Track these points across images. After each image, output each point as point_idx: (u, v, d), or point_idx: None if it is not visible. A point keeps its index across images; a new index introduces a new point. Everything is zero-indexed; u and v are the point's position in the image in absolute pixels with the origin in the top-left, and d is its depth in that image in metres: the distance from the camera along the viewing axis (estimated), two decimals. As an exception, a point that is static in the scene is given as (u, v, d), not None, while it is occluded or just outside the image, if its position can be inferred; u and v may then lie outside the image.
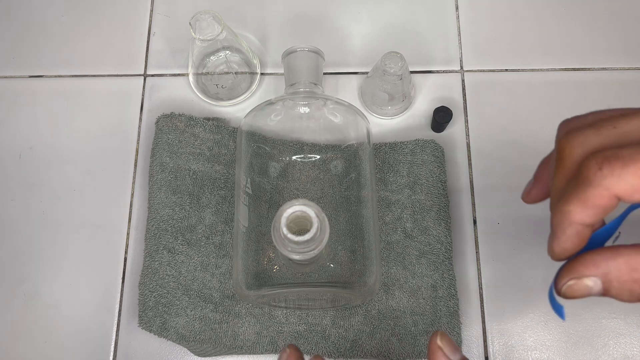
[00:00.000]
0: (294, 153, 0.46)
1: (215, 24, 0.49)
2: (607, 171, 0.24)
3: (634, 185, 0.24)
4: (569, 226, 0.26)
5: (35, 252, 0.51)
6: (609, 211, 0.25)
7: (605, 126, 0.26)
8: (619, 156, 0.24)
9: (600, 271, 0.26)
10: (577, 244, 0.27)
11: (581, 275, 0.26)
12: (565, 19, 0.57)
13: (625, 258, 0.26)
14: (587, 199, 0.25)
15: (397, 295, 0.47)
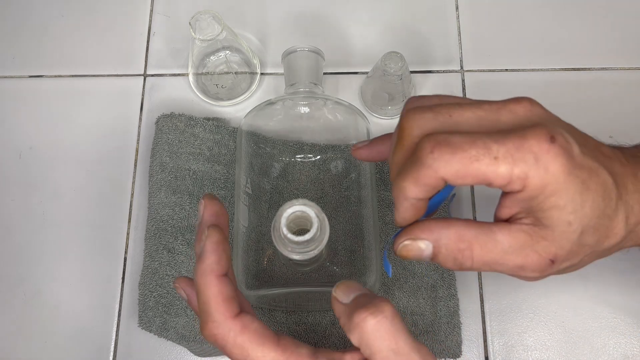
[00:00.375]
0: (294, 153, 0.46)
1: (215, 23, 0.49)
2: (438, 155, 0.26)
3: (458, 171, 0.26)
4: (405, 200, 0.29)
5: (35, 252, 0.51)
6: (438, 190, 0.28)
7: (443, 113, 0.29)
8: (450, 143, 0.27)
9: (433, 237, 0.29)
10: (414, 214, 0.29)
11: (416, 238, 0.29)
12: (566, 18, 0.57)
13: (456, 229, 0.29)
14: (419, 178, 0.27)
15: (396, 295, 0.47)
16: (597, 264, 0.49)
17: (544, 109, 0.30)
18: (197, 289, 0.30)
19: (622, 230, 0.29)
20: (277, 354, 0.29)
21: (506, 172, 0.26)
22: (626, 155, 0.32)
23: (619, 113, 0.53)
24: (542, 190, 0.27)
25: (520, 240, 0.28)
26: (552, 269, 0.29)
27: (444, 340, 0.46)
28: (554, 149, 0.26)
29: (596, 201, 0.28)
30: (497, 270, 0.29)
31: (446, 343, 0.46)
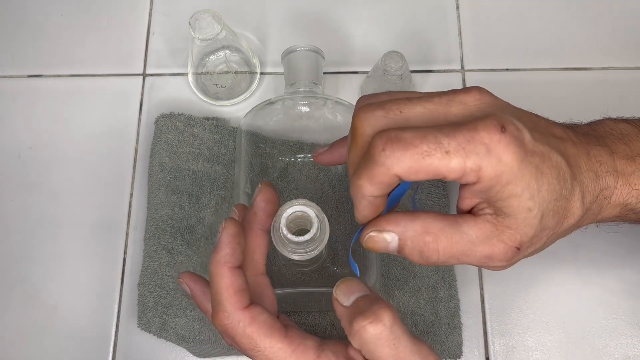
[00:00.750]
0: (294, 153, 0.46)
1: (214, 23, 0.49)
2: (389, 152, 0.27)
3: (410, 167, 0.27)
4: (362, 198, 0.29)
5: (34, 252, 0.51)
6: (392, 186, 0.28)
7: (393, 110, 0.29)
8: (401, 139, 0.27)
9: (399, 229, 0.29)
10: (373, 211, 0.29)
11: (382, 229, 0.29)
12: (567, 18, 0.57)
13: (421, 221, 0.29)
14: (373, 176, 0.27)
15: (397, 295, 0.47)
16: (598, 265, 0.49)
17: (494, 96, 0.30)
18: (210, 279, 0.31)
19: (579, 209, 0.30)
20: (283, 345, 0.30)
21: (458, 166, 0.27)
22: (578, 134, 0.32)
23: (619, 113, 0.53)
24: (497, 180, 0.27)
25: (486, 230, 0.29)
26: (518, 255, 0.29)
27: (444, 341, 0.46)
28: (505, 138, 0.27)
29: (552, 184, 0.28)
30: (464, 262, 0.29)
31: (447, 344, 0.46)
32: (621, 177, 0.31)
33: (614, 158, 0.32)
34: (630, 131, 0.33)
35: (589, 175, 0.30)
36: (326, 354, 0.30)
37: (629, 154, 0.32)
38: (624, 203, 0.32)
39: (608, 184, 0.31)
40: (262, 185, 0.34)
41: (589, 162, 0.31)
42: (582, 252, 0.49)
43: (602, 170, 0.31)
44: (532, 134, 0.28)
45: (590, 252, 0.49)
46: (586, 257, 0.49)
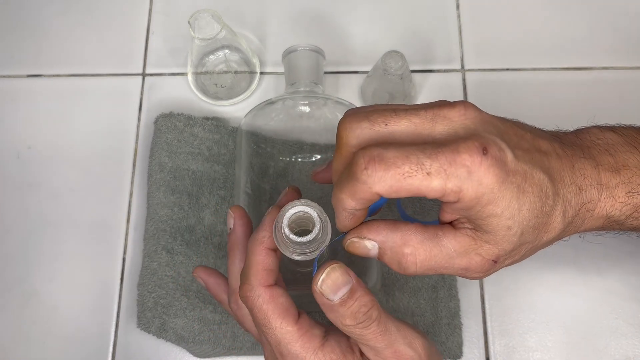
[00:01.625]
0: (294, 153, 0.46)
1: (214, 22, 0.49)
2: (371, 171, 0.27)
3: (392, 186, 0.27)
4: (343, 210, 0.29)
5: (33, 253, 0.51)
6: (373, 202, 0.29)
7: (379, 122, 0.29)
8: (383, 159, 0.27)
9: (380, 238, 0.30)
10: (354, 222, 0.30)
11: (364, 237, 0.30)
12: (567, 18, 0.57)
13: (402, 233, 0.30)
14: (355, 192, 0.28)
15: (397, 296, 0.47)
16: (599, 266, 0.49)
17: (479, 111, 0.30)
18: (247, 253, 0.33)
19: (560, 224, 0.30)
20: (293, 329, 0.31)
21: (439, 187, 0.27)
22: (564, 145, 0.32)
23: (620, 113, 0.53)
24: (477, 201, 0.27)
25: (464, 244, 0.29)
26: (495, 268, 0.30)
27: (444, 341, 0.46)
28: (487, 161, 0.27)
29: (533, 202, 0.28)
30: (442, 272, 0.30)
31: (447, 344, 0.46)
32: (605, 190, 0.32)
33: (599, 170, 0.32)
34: (616, 141, 0.34)
35: (572, 189, 0.31)
36: (330, 343, 0.32)
37: (614, 166, 0.32)
38: (607, 215, 0.32)
39: (591, 197, 0.31)
40: (288, 189, 0.36)
41: (573, 175, 0.31)
42: (583, 252, 0.49)
43: (586, 184, 0.31)
44: (515, 152, 0.28)
45: (591, 253, 0.49)
46: (587, 257, 0.49)
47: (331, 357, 0.31)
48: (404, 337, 0.31)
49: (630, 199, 0.32)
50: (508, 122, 0.31)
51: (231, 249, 0.37)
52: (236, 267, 0.36)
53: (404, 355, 0.31)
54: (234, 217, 0.37)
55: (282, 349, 0.31)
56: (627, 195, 0.32)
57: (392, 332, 0.31)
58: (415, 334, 0.32)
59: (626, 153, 0.33)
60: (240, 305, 0.36)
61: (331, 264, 0.30)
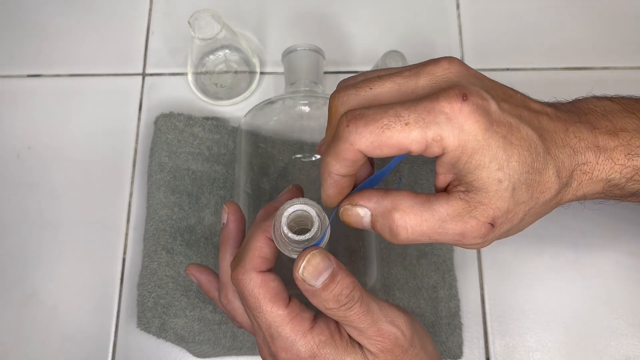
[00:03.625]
0: (294, 153, 0.46)
1: (214, 22, 0.49)
2: (352, 128, 0.27)
3: (372, 142, 0.27)
4: (328, 176, 0.30)
5: (33, 253, 0.51)
6: (357, 164, 0.29)
7: (364, 87, 0.30)
8: (363, 115, 0.27)
9: (371, 204, 0.30)
10: (338, 191, 0.30)
11: (355, 204, 0.30)
12: (567, 17, 0.57)
13: (392, 198, 0.29)
14: (338, 153, 0.28)
15: (397, 295, 0.47)
16: (599, 265, 0.49)
17: (465, 66, 0.30)
18: (247, 237, 0.33)
19: (555, 183, 0.30)
20: (284, 313, 0.31)
21: (419, 137, 0.27)
22: (560, 110, 0.32)
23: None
24: (462, 150, 0.27)
25: (457, 207, 0.29)
26: (494, 232, 0.29)
27: (445, 341, 0.46)
28: (467, 106, 0.27)
29: (522, 155, 0.28)
30: (437, 240, 0.30)
31: (447, 344, 0.46)
32: (603, 153, 0.31)
33: (596, 134, 0.31)
34: (614, 108, 0.33)
35: (565, 151, 0.30)
36: (319, 325, 0.32)
37: (612, 130, 0.32)
38: (607, 179, 0.31)
39: (587, 159, 0.31)
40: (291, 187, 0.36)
41: (567, 137, 0.30)
42: (584, 252, 0.49)
43: (580, 146, 0.31)
44: (501, 105, 0.28)
45: (591, 252, 0.49)
46: (587, 257, 0.49)
47: (320, 338, 0.31)
48: (386, 316, 0.31)
49: (630, 161, 0.31)
50: (498, 82, 0.31)
51: (222, 244, 0.37)
52: (226, 262, 0.36)
53: (387, 333, 0.31)
54: (228, 212, 0.37)
55: (272, 332, 0.31)
56: (626, 157, 0.31)
57: (374, 311, 0.31)
58: (398, 312, 0.32)
59: (624, 118, 0.32)
60: (231, 299, 0.36)
61: (311, 250, 0.30)
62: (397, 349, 0.31)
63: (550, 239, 0.49)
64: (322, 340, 0.31)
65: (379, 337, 0.31)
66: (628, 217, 0.50)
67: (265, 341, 0.32)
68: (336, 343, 0.31)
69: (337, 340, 0.32)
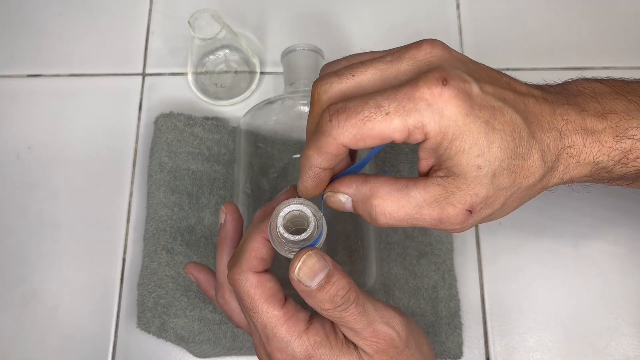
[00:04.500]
0: (293, 152, 0.46)
1: (214, 22, 0.49)
2: (335, 123, 0.27)
3: (355, 135, 0.27)
4: (309, 169, 0.30)
5: (33, 253, 0.51)
6: (339, 157, 0.29)
7: (346, 75, 0.29)
8: (345, 109, 0.27)
9: (351, 191, 0.30)
10: (316, 184, 0.30)
11: (337, 191, 0.31)
12: (568, 17, 0.57)
13: (371, 185, 0.30)
14: (321, 147, 0.28)
15: (397, 295, 0.47)
16: (599, 265, 0.49)
17: (448, 49, 0.29)
18: (244, 238, 0.33)
19: (539, 168, 0.29)
20: (279, 313, 0.31)
21: (400, 125, 0.27)
22: (547, 92, 0.31)
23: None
24: (443, 136, 0.27)
25: (434, 193, 0.28)
26: (472, 218, 0.29)
27: (444, 341, 0.46)
28: (447, 91, 0.26)
29: (505, 141, 0.27)
30: (417, 224, 0.30)
31: (447, 344, 0.46)
32: (590, 135, 0.30)
33: (584, 116, 0.31)
34: (603, 90, 0.33)
35: (551, 134, 0.30)
36: (314, 326, 0.32)
37: (600, 112, 0.31)
38: (594, 161, 0.31)
39: (574, 142, 0.30)
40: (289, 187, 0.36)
41: (554, 120, 0.30)
42: (583, 251, 0.49)
43: (567, 129, 0.30)
44: (484, 87, 0.28)
45: (591, 252, 0.49)
46: (587, 257, 0.49)
47: (315, 339, 0.31)
48: (382, 317, 0.31)
49: (618, 144, 0.31)
50: (483, 65, 0.30)
51: (220, 244, 0.37)
52: (223, 262, 0.36)
53: (383, 334, 0.31)
54: (226, 213, 0.37)
55: (268, 332, 0.32)
56: (614, 140, 0.31)
57: (370, 312, 0.31)
58: (393, 313, 0.32)
59: (613, 100, 0.32)
60: (227, 299, 0.36)
61: (307, 250, 0.30)
62: (392, 349, 0.31)
63: (550, 239, 0.49)
64: (317, 341, 0.31)
65: (375, 338, 0.31)
66: (628, 217, 0.50)
67: (261, 341, 0.33)
68: (331, 344, 0.32)
69: (332, 341, 0.32)
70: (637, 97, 0.32)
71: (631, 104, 0.32)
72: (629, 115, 0.31)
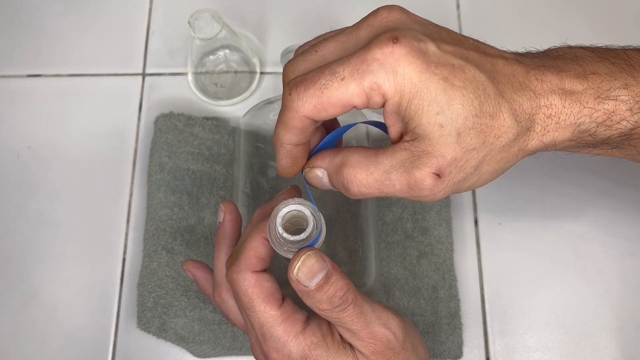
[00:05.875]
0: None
1: (214, 22, 0.49)
2: (295, 96, 0.27)
3: (315, 105, 0.27)
4: (281, 146, 0.30)
5: (33, 253, 0.51)
6: (307, 131, 0.29)
7: (310, 52, 0.29)
8: (304, 80, 0.27)
9: (325, 164, 0.30)
10: (292, 162, 0.30)
11: (312, 166, 0.31)
12: (568, 18, 0.57)
13: (342, 155, 0.30)
14: (286, 122, 0.28)
15: (397, 295, 0.47)
16: (599, 265, 0.49)
17: (405, 13, 0.29)
18: (243, 237, 0.33)
19: (511, 127, 0.28)
20: (277, 313, 0.31)
21: (357, 89, 0.26)
22: (523, 56, 0.31)
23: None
24: (401, 95, 0.26)
25: (401, 158, 0.28)
26: (442, 184, 0.28)
27: (444, 341, 0.46)
28: (398, 49, 0.26)
29: (467, 98, 0.27)
30: (389, 193, 0.29)
31: (447, 344, 0.46)
32: (569, 96, 0.29)
33: (562, 77, 0.30)
34: (585, 54, 0.31)
35: (524, 94, 0.28)
36: (311, 327, 0.32)
37: (581, 73, 0.30)
38: (575, 123, 0.29)
39: (551, 102, 0.29)
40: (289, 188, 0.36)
41: (526, 80, 0.29)
42: (583, 252, 0.49)
43: (543, 89, 0.29)
44: (442, 46, 0.27)
45: (591, 252, 0.49)
46: (587, 257, 0.49)
47: (312, 340, 0.32)
48: (379, 318, 0.31)
49: (601, 105, 0.29)
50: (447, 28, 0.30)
51: (218, 243, 0.37)
52: (221, 261, 0.36)
53: (380, 335, 0.31)
54: (225, 212, 0.37)
55: (264, 332, 0.32)
56: (596, 100, 0.29)
57: (367, 314, 0.31)
58: (391, 315, 0.32)
59: (596, 63, 0.31)
60: (224, 298, 0.36)
61: (306, 251, 0.30)
62: (388, 351, 0.31)
63: (550, 239, 0.49)
64: (313, 342, 0.31)
65: (372, 339, 0.31)
66: (629, 217, 0.50)
67: (257, 341, 0.33)
68: (328, 345, 0.32)
69: (328, 342, 0.32)
70: (621, 60, 0.31)
71: (614, 66, 0.31)
72: (612, 76, 0.30)
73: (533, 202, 0.51)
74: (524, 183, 0.51)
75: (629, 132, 0.30)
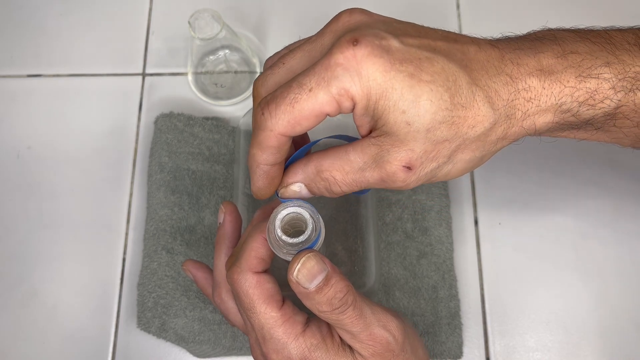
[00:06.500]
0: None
1: (214, 22, 0.49)
2: (267, 115, 0.27)
3: (289, 121, 0.27)
4: (257, 168, 0.29)
5: (33, 253, 0.51)
6: (283, 149, 0.28)
7: (278, 64, 0.29)
8: (274, 97, 0.27)
9: (299, 177, 0.30)
10: (268, 183, 0.30)
11: (287, 185, 0.30)
12: (567, 18, 0.57)
13: (314, 163, 0.29)
14: (261, 142, 0.28)
15: (397, 296, 0.47)
16: (598, 265, 0.49)
17: (367, 14, 0.28)
18: (245, 238, 0.33)
19: (487, 116, 0.27)
20: (277, 315, 0.31)
21: (326, 97, 0.26)
22: (498, 41, 0.30)
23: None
24: (368, 98, 0.26)
25: (370, 154, 0.28)
26: (415, 174, 0.28)
27: (444, 342, 0.46)
28: (360, 50, 0.26)
29: (436, 92, 0.26)
30: (366, 187, 0.29)
31: (447, 344, 0.46)
32: (548, 76, 0.28)
33: (539, 58, 0.29)
34: (565, 35, 0.30)
35: (500, 79, 0.28)
36: (311, 329, 0.32)
37: (560, 53, 0.29)
38: (557, 104, 0.29)
39: (529, 85, 0.28)
40: None
41: (502, 65, 0.28)
42: (583, 252, 0.49)
43: (519, 72, 0.28)
44: (405, 40, 0.26)
45: (590, 252, 0.49)
46: (587, 257, 0.49)
47: (311, 342, 0.32)
48: (379, 320, 0.31)
49: (582, 84, 0.28)
50: (413, 23, 0.29)
51: (218, 243, 0.37)
52: (221, 261, 0.36)
53: (379, 337, 0.31)
54: (225, 212, 0.37)
55: (264, 333, 0.32)
56: (577, 79, 0.29)
57: (367, 315, 0.31)
58: (390, 317, 0.32)
59: (576, 43, 0.30)
60: (224, 299, 0.36)
61: (306, 253, 0.30)
62: (388, 353, 0.31)
63: (550, 239, 0.49)
64: (313, 344, 0.31)
65: (371, 341, 0.31)
66: (629, 218, 0.50)
67: (257, 342, 0.33)
68: (327, 347, 0.32)
69: (328, 344, 0.32)
70: (602, 40, 0.30)
71: (595, 45, 0.30)
72: (593, 55, 0.29)
73: (533, 203, 0.50)
74: (525, 182, 0.51)
75: (613, 112, 0.30)
